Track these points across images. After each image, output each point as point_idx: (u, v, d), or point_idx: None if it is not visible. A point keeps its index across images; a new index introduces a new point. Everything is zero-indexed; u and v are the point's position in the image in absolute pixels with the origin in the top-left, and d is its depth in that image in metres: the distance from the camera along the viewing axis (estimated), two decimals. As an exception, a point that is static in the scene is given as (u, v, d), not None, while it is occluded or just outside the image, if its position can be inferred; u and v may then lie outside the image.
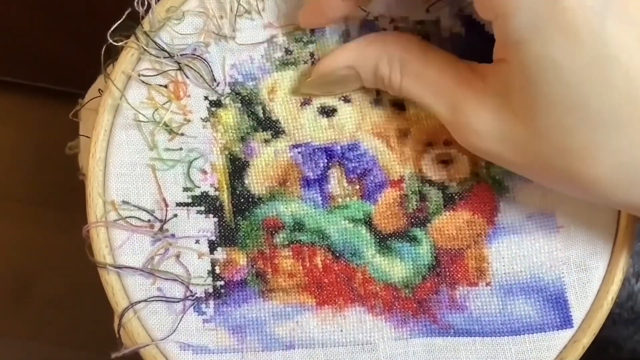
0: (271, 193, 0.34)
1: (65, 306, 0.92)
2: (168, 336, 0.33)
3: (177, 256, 0.33)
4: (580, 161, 0.28)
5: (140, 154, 0.33)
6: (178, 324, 0.33)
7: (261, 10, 0.34)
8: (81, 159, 0.39)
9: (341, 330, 0.33)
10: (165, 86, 0.34)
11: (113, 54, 0.34)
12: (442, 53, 0.31)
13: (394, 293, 0.33)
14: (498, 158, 0.30)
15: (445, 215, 0.34)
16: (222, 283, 0.33)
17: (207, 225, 0.33)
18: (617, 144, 0.27)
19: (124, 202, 0.33)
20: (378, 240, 0.34)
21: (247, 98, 0.34)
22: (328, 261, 0.34)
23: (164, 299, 0.33)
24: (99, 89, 0.36)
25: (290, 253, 0.34)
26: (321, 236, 0.34)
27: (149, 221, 0.33)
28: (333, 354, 0.33)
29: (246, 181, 0.34)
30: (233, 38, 0.34)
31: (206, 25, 0.34)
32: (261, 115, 0.34)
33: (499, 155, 0.30)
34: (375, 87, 0.33)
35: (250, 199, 0.34)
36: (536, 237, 0.33)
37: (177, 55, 0.33)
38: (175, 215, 0.33)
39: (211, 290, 0.33)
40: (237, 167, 0.34)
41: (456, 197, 0.34)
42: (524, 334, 0.33)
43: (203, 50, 0.34)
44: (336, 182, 0.34)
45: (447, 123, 0.31)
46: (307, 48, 0.34)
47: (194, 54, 0.34)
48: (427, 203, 0.34)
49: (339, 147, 0.34)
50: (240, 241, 0.33)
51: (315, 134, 0.34)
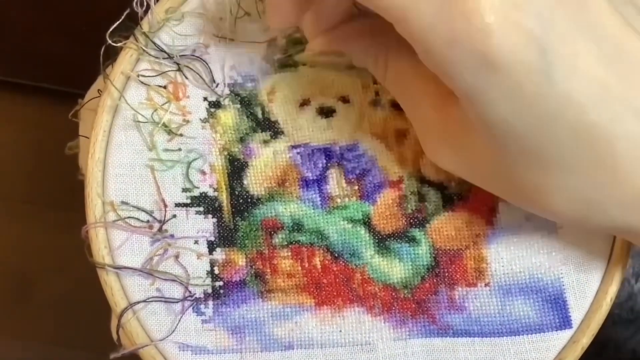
0: (270, 194, 0.34)
1: (65, 306, 0.92)
2: (167, 337, 0.32)
3: (176, 257, 0.33)
4: (537, 197, 0.28)
5: (139, 155, 0.33)
6: (177, 325, 0.32)
7: (261, 12, 0.34)
8: (81, 159, 0.39)
9: (340, 330, 0.33)
10: (164, 87, 0.34)
11: (112, 55, 0.34)
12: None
13: (393, 293, 0.33)
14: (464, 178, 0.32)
15: (444, 215, 0.34)
16: (221, 283, 0.33)
17: (206, 225, 0.33)
18: (569, 185, 0.27)
19: (123, 203, 0.33)
20: (377, 240, 0.34)
21: (247, 99, 0.34)
22: (327, 262, 0.33)
23: (163, 300, 0.33)
24: (98, 90, 0.36)
25: (289, 253, 0.33)
26: (320, 237, 0.34)
27: (148, 222, 0.33)
28: (332, 355, 0.33)
29: (245, 182, 0.34)
30: (232, 39, 0.34)
31: (206, 26, 0.34)
32: (260, 116, 0.34)
33: (464, 178, 0.31)
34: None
35: (249, 200, 0.34)
36: (535, 238, 0.33)
37: (177, 56, 0.33)
38: (174, 215, 0.33)
39: (210, 290, 0.33)
40: (236, 168, 0.34)
41: (455, 198, 0.34)
42: (523, 335, 0.33)
43: (202, 51, 0.34)
44: (335, 183, 0.34)
45: (419, 139, 0.32)
46: (306, 49, 0.34)
47: (193, 55, 0.34)
48: (426, 204, 0.34)
49: (338, 148, 0.34)
50: (239, 242, 0.33)
51: (314, 135, 0.34)
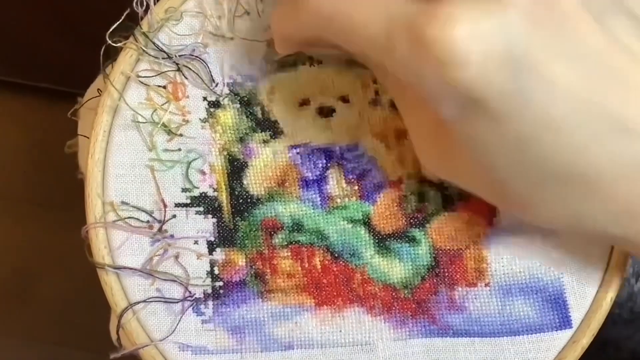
0: (270, 194, 0.34)
1: (65, 306, 0.92)
2: (167, 337, 0.32)
3: (176, 257, 0.33)
4: (526, 209, 0.28)
5: (139, 155, 0.33)
6: (177, 325, 0.32)
7: (260, 11, 0.34)
8: (80, 158, 0.39)
9: (340, 330, 0.33)
10: (164, 87, 0.34)
11: (112, 55, 0.34)
12: None
13: (393, 293, 0.33)
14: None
15: (444, 215, 0.34)
16: (221, 284, 0.33)
17: (206, 225, 0.33)
18: (559, 198, 0.27)
19: (123, 203, 0.33)
20: (377, 240, 0.34)
21: (246, 99, 0.34)
22: (327, 262, 0.33)
23: (163, 300, 0.33)
24: (98, 89, 0.36)
25: (289, 254, 0.33)
26: (320, 237, 0.34)
27: (148, 222, 0.33)
28: (332, 355, 0.33)
29: (245, 182, 0.34)
30: (232, 39, 0.34)
31: (204, 26, 0.34)
32: (260, 115, 0.34)
33: (455, 183, 0.31)
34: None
35: (249, 200, 0.34)
36: (535, 238, 0.33)
37: (176, 56, 0.33)
38: (174, 215, 0.33)
39: (210, 290, 0.33)
40: (236, 168, 0.34)
41: (455, 198, 0.34)
42: (523, 335, 0.33)
43: (202, 50, 0.34)
44: (335, 183, 0.34)
45: (414, 146, 0.31)
46: (306, 49, 0.34)
47: (193, 55, 0.34)
48: (426, 204, 0.34)
49: (338, 148, 0.34)
50: (239, 242, 0.33)
51: (314, 135, 0.34)
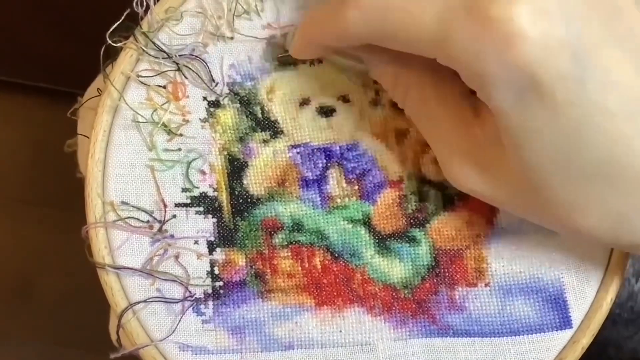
0: (270, 193, 0.34)
1: (65, 306, 0.92)
2: (167, 337, 0.32)
3: (176, 257, 0.33)
4: (568, 214, 0.28)
5: (139, 155, 0.33)
6: (177, 325, 0.32)
7: (260, 10, 0.34)
8: (79, 157, 0.39)
9: (340, 330, 0.33)
10: (164, 87, 0.34)
11: (112, 55, 0.34)
12: (452, 87, 0.30)
13: (393, 293, 0.33)
14: (489, 202, 0.31)
15: (444, 215, 0.34)
16: (221, 284, 0.33)
17: (206, 225, 0.33)
18: (603, 197, 0.27)
19: (123, 203, 0.33)
20: (377, 240, 0.34)
21: (246, 98, 0.34)
22: (327, 262, 0.33)
23: (163, 300, 0.33)
24: (98, 88, 0.36)
25: (289, 254, 0.33)
26: (320, 237, 0.34)
27: (148, 222, 0.33)
28: (332, 355, 0.33)
29: (245, 182, 0.34)
30: (231, 38, 0.34)
31: (204, 25, 0.34)
32: (260, 115, 0.34)
33: (490, 201, 0.31)
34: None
35: (249, 200, 0.34)
36: (535, 238, 0.33)
37: (176, 55, 0.33)
38: (174, 215, 0.33)
39: (210, 290, 0.33)
40: (236, 168, 0.34)
41: (455, 198, 0.34)
42: (523, 335, 0.33)
43: (201, 50, 0.34)
44: (335, 183, 0.34)
45: (439, 162, 0.31)
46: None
47: (193, 55, 0.34)
48: (426, 204, 0.34)
49: (338, 148, 0.34)
50: (239, 242, 0.33)
51: (314, 134, 0.34)
